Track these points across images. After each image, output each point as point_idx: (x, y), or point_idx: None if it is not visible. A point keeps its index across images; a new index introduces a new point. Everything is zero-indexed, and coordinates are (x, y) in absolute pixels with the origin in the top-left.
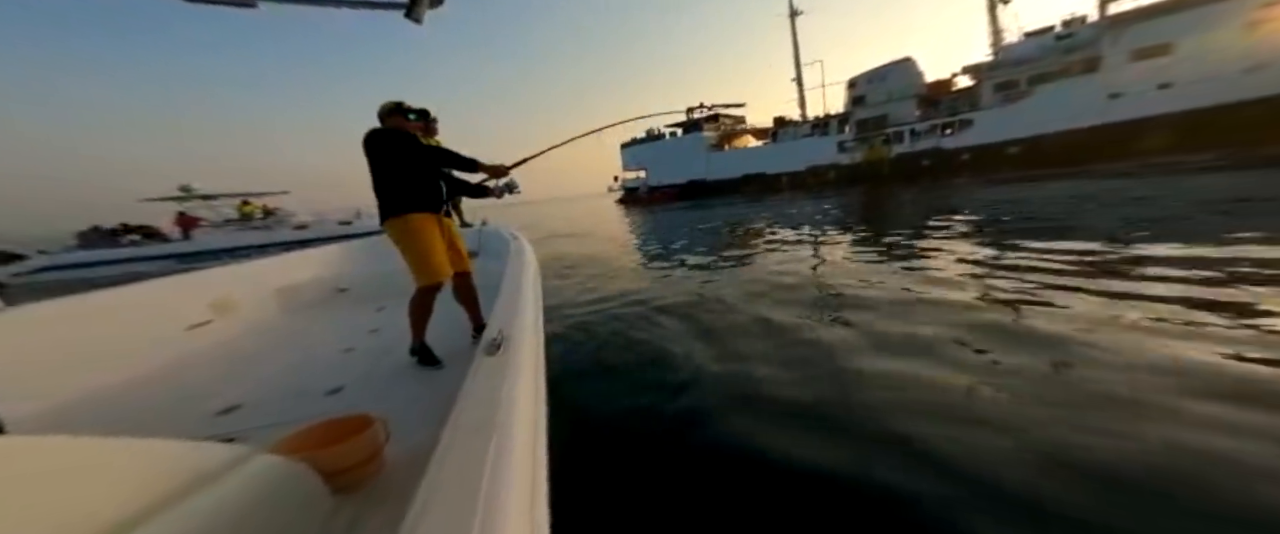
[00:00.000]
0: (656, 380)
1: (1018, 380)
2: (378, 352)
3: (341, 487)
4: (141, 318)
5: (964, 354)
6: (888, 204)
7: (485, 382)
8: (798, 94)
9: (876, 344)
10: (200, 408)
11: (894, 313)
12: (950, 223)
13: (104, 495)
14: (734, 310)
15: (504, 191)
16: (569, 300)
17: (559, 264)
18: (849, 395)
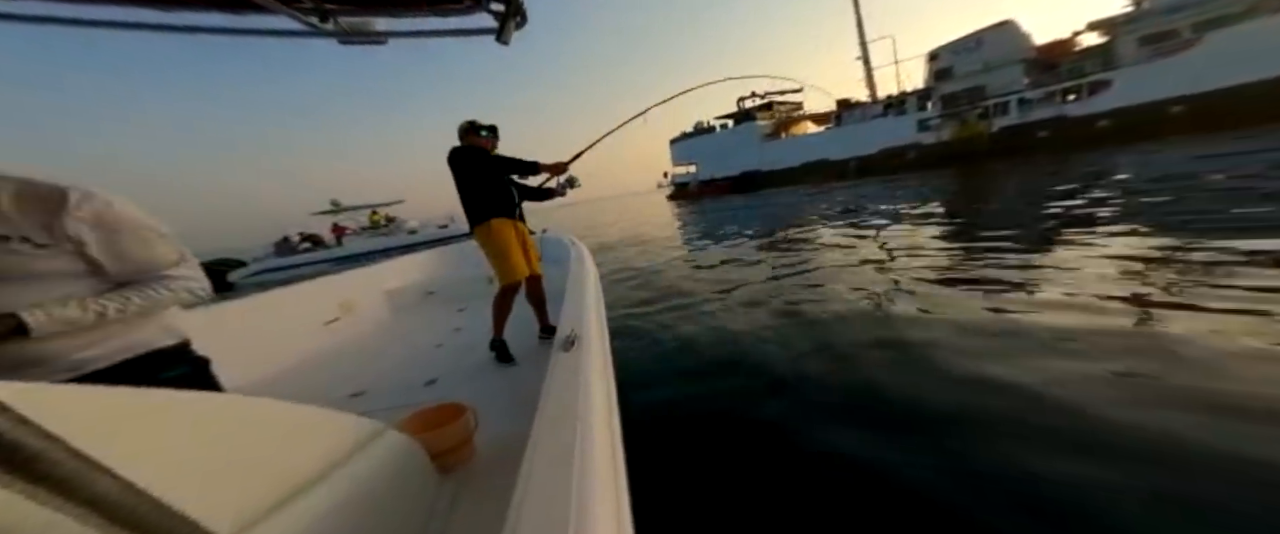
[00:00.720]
0: (710, 374)
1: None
2: (463, 348)
3: (441, 467)
4: (294, 314)
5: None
6: (993, 185)
7: (564, 376)
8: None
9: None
10: (337, 391)
11: (1039, 344)
12: (1100, 204)
13: (301, 452)
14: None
15: (566, 188)
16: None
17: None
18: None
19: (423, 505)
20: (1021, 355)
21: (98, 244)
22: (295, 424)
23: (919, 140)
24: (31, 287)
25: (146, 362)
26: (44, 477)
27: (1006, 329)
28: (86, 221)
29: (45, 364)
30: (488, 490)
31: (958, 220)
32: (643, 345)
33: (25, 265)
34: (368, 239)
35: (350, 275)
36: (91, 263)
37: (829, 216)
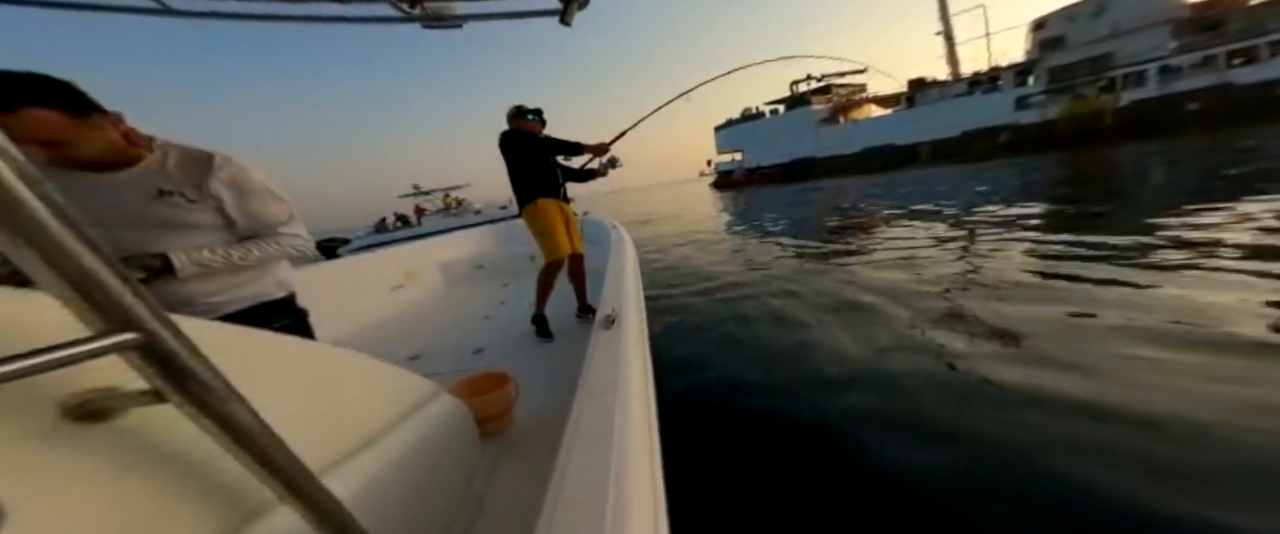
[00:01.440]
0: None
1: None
2: (507, 321)
3: (483, 433)
4: (368, 278)
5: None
6: (1123, 171)
7: (605, 352)
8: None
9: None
10: (399, 351)
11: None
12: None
13: (375, 403)
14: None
15: (608, 168)
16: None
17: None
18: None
19: (468, 467)
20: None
21: (232, 202)
22: (373, 378)
23: (1016, 120)
24: (184, 235)
25: (264, 309)
26: (200, 396)
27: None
28: (225, 183)
29: (187, 305)
30: (526, 458)
31: (1081, 221)
32: (679, 330)
33: (181, 216)
34: (442, 219)
35: (412, 247)
36: (226, 218)
37: (898, 208)
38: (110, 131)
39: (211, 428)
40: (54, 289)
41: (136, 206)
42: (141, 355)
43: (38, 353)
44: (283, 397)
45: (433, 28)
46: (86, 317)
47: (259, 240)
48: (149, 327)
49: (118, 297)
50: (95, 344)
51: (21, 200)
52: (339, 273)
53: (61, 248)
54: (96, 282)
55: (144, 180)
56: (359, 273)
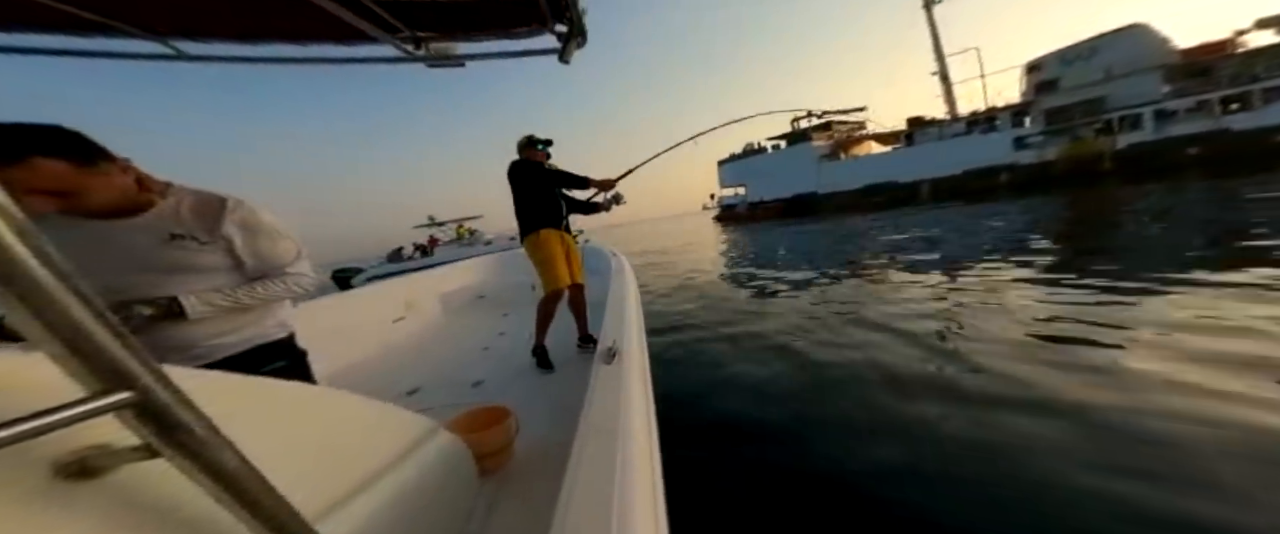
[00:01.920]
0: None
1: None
2: (506, 352)
3: (482, 470)
4: (369, 311)
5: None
6: (1126, 213)
7: (606, 387)
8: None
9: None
10: (398, 385)
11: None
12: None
13: (372, 445)
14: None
15: (611, 204)
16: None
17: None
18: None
19: (465, 507)
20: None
21: (242, 243)
22: (369, 419)
23: (1016, 160)
24: (192, 278)
25: (263, 351)
26: (193, 449)
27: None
28: (236, 224)
29: (188, 348)
30: (525, 496)
31: (1090, 263)
32: (681, 365)
33: (191, 260)
34: (455, 249)
35: (413, 278)
36: (235, 259)
37: (899, 246)
38: (119, 178)
39: (204, 481)
40: (47, 348)
41: (148, 251)
42: (136, 413)
43: (35, 416)
44: (277, 443)
45: (437, 67)
46: (81, 375)
47: (266, 280)
48: (143, 383)
49: (112, 355)
50: (91, 405)
51: (15, 257)
52: (341, 306)
53: (55, 305)
54: (91, 339)
55: (157, 225)
56: (361, 305)
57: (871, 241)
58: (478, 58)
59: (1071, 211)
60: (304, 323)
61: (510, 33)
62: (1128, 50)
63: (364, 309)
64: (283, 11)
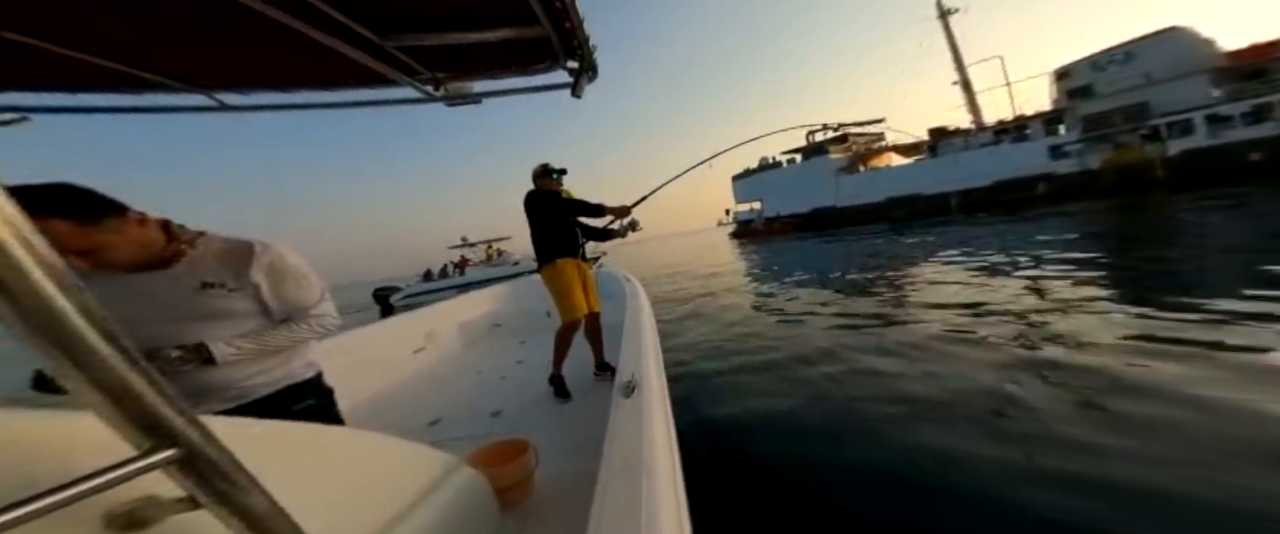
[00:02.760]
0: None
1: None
2: (524, 381)
3: (502, 504)
4: (391, 343)
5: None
6: (1190, 226)
7: (627, 423)
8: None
9: None
10: (419, 417)
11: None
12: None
13: (396, 484)
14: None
15: (627, 230)
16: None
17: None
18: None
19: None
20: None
21: (268, 288)
22: (394, 459)
23: (1052, 170)
24: (222, 324)
25: (293, 391)
26: (232, 499)
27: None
28: (263, 270)
29: (222, 390)
30: (547, 530)
31: (1163, 280)
32: (705, 393)
33: (221, 306)
34: (484, 269)
35: (432, 308)
36: (262, 303)
37: (930, 260)
38: (135, 231)
39: (242, 529)
40: (98, 408)
41: (180, 300)
42: (180, 468)
43: (91, 476)
44: (308, 488)
45: (454, 105)
46: (128, 433)
47: (292, 324)
48: (186, 438)
49: (158, 412)
50: (141, 463)
51: (67, 320)
52: (364, 339)
53: (104, 366)
54: (138, 399)
55: (188, 274)
56: (383, 338)
57: (908, 255)
58: (493, 95)
59: (1126, 221)
60: (328, 357)
61: (524, 70)
62: (1168, 54)
63: (386, 341)
64: (314, 61)
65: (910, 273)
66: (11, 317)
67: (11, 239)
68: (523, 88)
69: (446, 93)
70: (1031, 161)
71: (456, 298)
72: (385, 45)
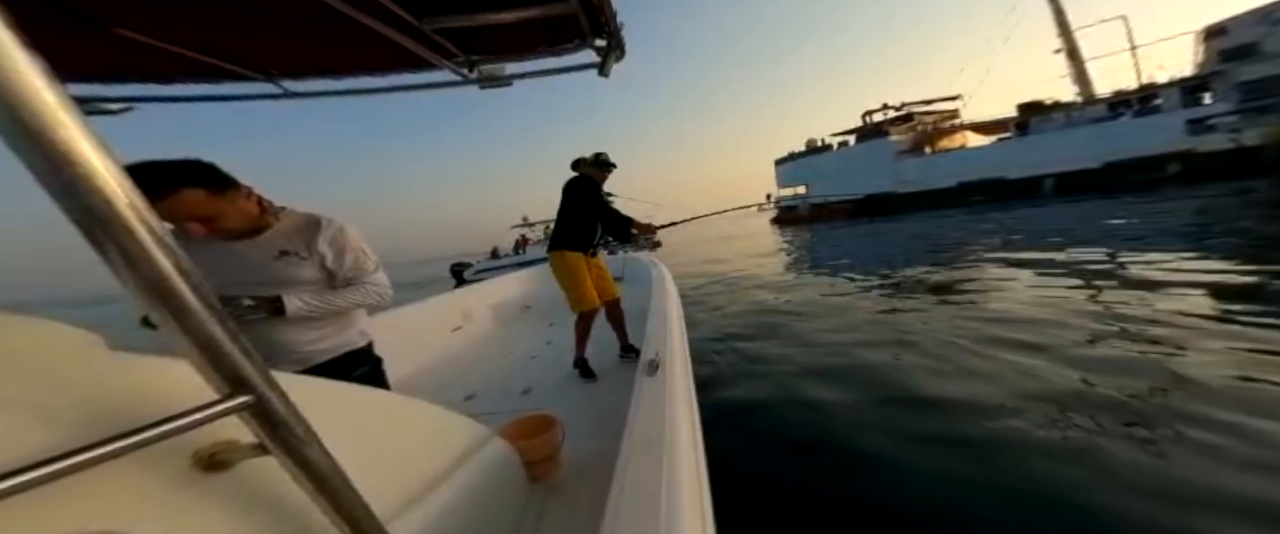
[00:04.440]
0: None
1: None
2: (552, 361)
3: (531, 477)
4: (433, 321)
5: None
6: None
7: (650, 400)
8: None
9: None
10: (456, 392)
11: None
12: None
13: (436, 449)
14: None
15: (645, 246)
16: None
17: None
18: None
19: (516, 511)
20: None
21: (332, 257)
22: (436, 425)
23: (1192, 147)
24: (294, 288)
25: (350, 358)
26: (295, 449)
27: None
28: (327, 241)
29: (290, 353)
30: (572, 504)
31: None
32: (730, 372)
33: (295, 272)
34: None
35: (468, 290)
36: (327, 272)
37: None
38: (244, 204)
39: (302, 478)
40: (189, 355)
41: (263, 266)
42: (253, 414)
43: (186, 414)
44: (360, 446)
45: (487, 87)
46: (215, 381)
47: (350, 288)
48: (260, 389)
49: (237, 362)
50: (222, 406)
51: (169, 279)
52: (408, 317)
53: (197, 319)
54: (223, 351)
55: (271, 243)
56: (425, 316)
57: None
58: (524, 77)
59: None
60: (377, 332)
61: (552, 50)
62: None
63: (428, 320)
64: (361, 46)
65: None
66: (128, 274)
67: (127, 211)
68: (551, 69)
69: (480, 75)
70: (1160, 137)
71: (489, 281)
72: (422, 27)
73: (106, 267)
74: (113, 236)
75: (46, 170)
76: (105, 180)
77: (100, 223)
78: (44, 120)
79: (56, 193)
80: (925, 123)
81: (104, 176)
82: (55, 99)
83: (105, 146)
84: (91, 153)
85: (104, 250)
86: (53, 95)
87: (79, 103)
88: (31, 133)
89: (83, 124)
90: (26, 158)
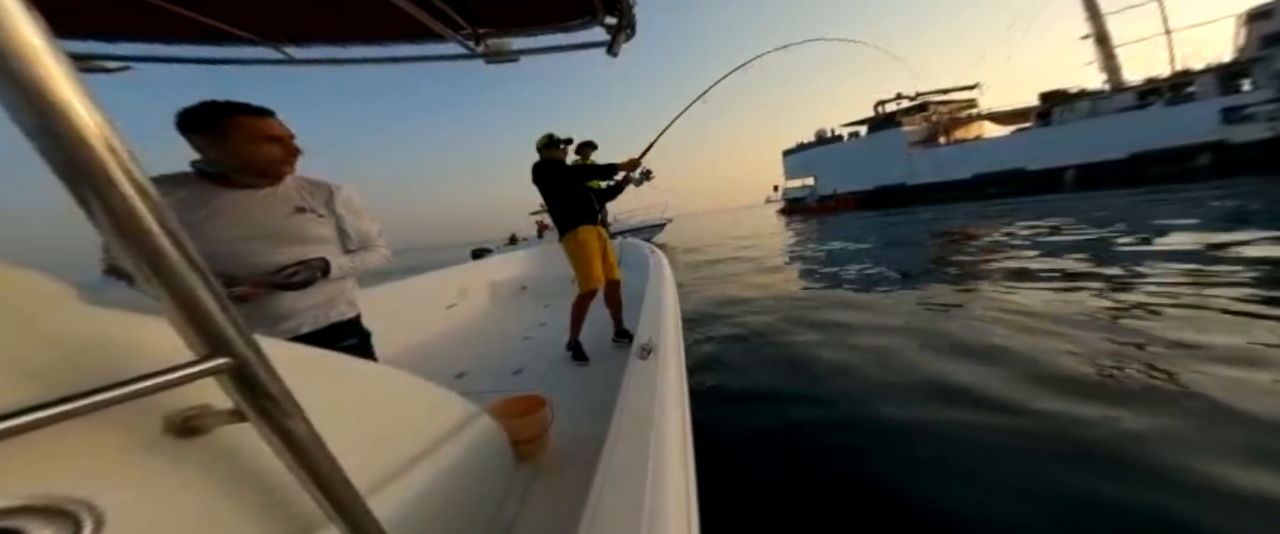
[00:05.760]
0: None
1: None
2: (545, 342)
3: (518, 455)
4: (428, 297)
5: None
6: None
7: (640, 383)
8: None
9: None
10: (448, 368)
11: None
12: None
13: (422, 423)
14: None
15: (641, 180)
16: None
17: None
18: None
19: (501, 490)
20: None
21: (347, 220)
22: (422, 399)
23: (1226, 137)
24: (310, 245)
25: (339, 329)
26: (274, 416)
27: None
28: (344, 204)
29: (279, 321)
30: (558, 483)
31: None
32: (725, 358)
33: (311, 229)
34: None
35: (465, 267)
36: (341, 233)
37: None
38: (279, 128)
39: (280, 448)
40: (169, 314)
41: (280, 220)
42: (231, 378)
43: (159, 373)
44: (344, 418)
45: (493, 62)
46: (191, 340)
47: (366, 251)
48: (239, 351)
49: (218, 323)
50: (199, 367)
51: (153, 237)
52: (404, 291)
53: (180, 278)
54: (203, 309)
55: (285, 197)
56: (421, 291)
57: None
58: (530, 52)
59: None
60: (371, 304)
61: (562, 26)
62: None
63: (424, 294)
64: (366, 13)
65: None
66: (108, 226)
67: (110, 162)
68: (560, 46)
69: (486, 49)
70: (1192, 127)
71: (488, 259)
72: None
73: (88, 220)
74: (97, 189)
75: (32, 121)
76: (92, 133)
77: (84, 175)
78: (35, 71)
79: (42, 146)
80: (941, 112)
81: (90, 129)
82: (48, 52)
83: (93, 99)
84: (77, 104)
85: (86, 203)
86: (46, 48)
87: (75, 60)
88: (20, 83)
89: (74, 78)
90: (12, 107)
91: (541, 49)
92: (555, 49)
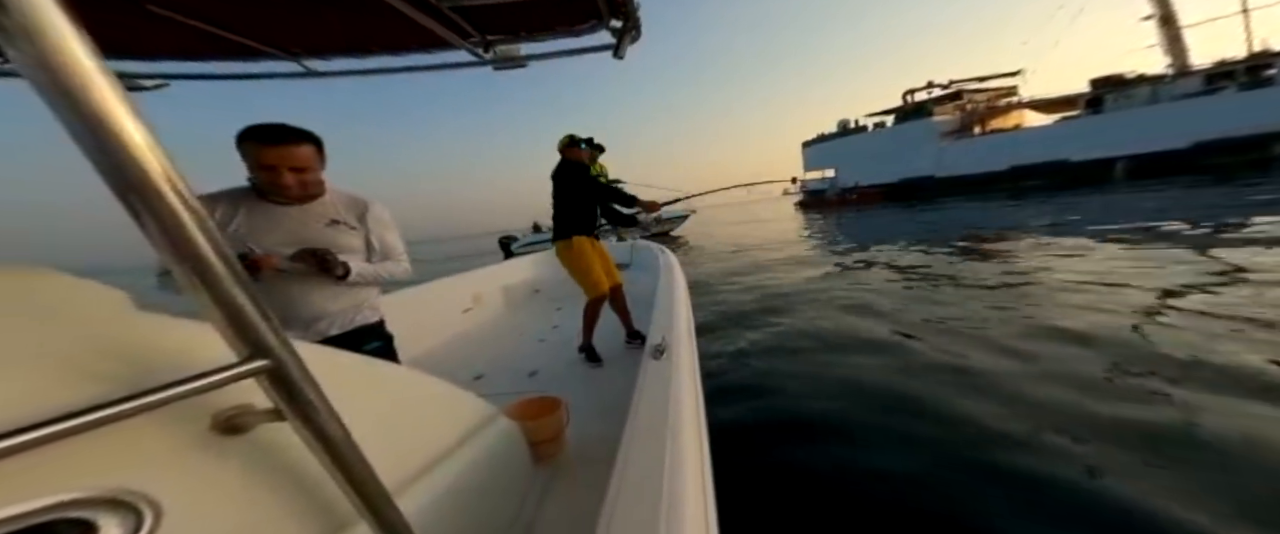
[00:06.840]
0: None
1: None
2: (559, 344)
3: (535, 457)
4: (444, 301)
5: None
6: None
7: (655, 383)
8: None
9: None
10: (465, 371)
11: None
12: None
13: (444, 425)
14: None
15: (651, 225)
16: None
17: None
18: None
19: (520, 491)
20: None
21: (377, 233)
22: (444, 401)
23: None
24: (342, 254)
25: (364, 332)
26: (310, 416)
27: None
28: (374, 219)
29: (310, 322)
30: (575, 485)
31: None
32: (740, 355)
33: (343, 240)
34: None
35: (480, 272)
36: (370, 245)
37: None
38: (320, 169)
39: (315, 445)
40: (213, 319)
41: (316, 231)
42: (270, 379)
43: (206, 374)
44: (370, 417)
45: (502, 69)
46: (234, 343)
47: (387, 262)
48: (278, 354)
49: (258, 328)
50: (243, 369)
51: (197, 247)
52: (422, 296)
53: (222, 285)
54: (245, 315)
55: (322, 211)
56: (437, 296)
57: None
58: (538, 58)
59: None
60: (391, 309)
61: (569, 30)
62: None
63: (440, 300)
64: (380, 24)
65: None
66: (158, 237)
67: (160, 178)
68: (567, 50)
69: (495, 56)
70: (1268, 113)
71: (500, 263)
72: (440, 5)
73: (140, 230)
74: (146, 202)
75: (90, 140)
76: (141, 149)
77: (135, 189)
78: (91, 94)
79: (98, 161)
80: (976, 101)
81: (140, 146)
82: (102, 75)
83: (141, 117)
84: (128, 123)
85: (138, 215)
86: (100, 72)
87: (120, 78)
88: (78, 106)
89: (123, 97)
90: (73, 128)
91: (548, 54)
92: (562, 54)
